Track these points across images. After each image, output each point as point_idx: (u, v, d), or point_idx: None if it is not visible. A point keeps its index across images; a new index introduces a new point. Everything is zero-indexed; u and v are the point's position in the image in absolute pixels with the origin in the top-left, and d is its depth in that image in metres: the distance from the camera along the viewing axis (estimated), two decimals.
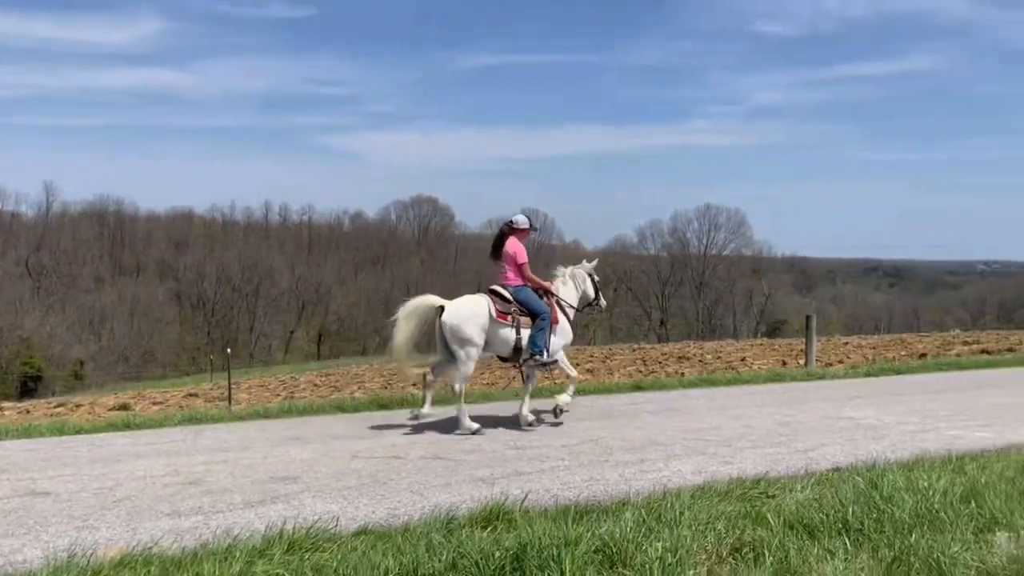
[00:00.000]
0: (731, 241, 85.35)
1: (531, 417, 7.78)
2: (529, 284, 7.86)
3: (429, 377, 7.78)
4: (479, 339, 7.45)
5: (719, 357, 24.33)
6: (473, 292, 8.00)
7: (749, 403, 9.13)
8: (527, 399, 7.84)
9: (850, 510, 4.27)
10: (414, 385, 12.62)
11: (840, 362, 19.64)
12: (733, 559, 3.78)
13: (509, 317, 7.58)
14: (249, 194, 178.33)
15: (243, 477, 5.74)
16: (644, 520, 4.20)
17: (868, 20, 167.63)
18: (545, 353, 7.67)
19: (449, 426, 7.68)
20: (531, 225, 8.19)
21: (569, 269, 8.56)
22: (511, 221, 8.10)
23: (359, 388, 18.28)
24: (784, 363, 20.37)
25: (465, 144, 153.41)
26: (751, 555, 3.77)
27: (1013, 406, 8.86)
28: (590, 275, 8.58)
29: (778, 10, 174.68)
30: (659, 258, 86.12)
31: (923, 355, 20.79)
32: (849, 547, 3.83)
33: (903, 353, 22.19)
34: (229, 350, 19.31)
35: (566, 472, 5.85)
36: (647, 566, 3.56)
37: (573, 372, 8.14)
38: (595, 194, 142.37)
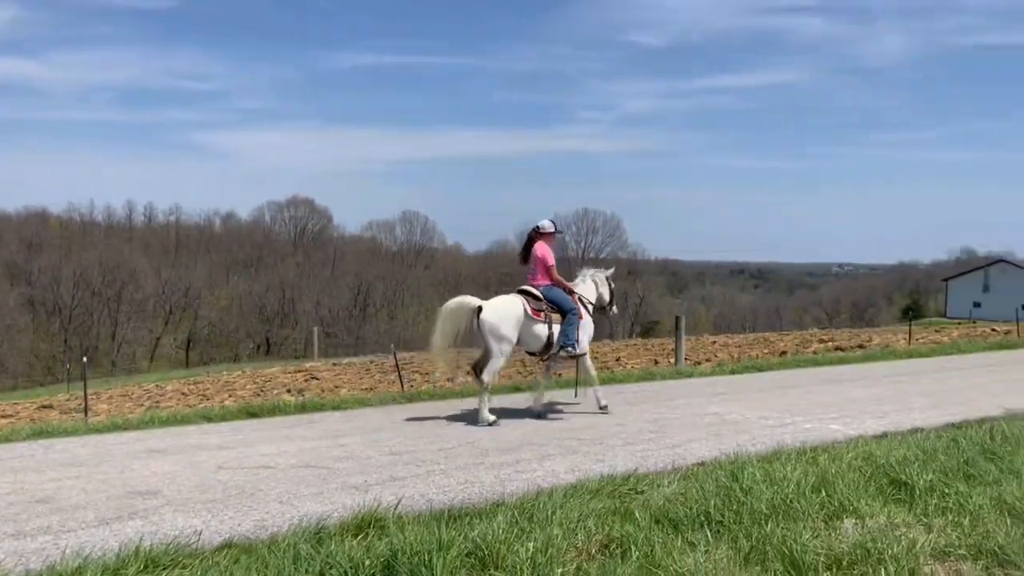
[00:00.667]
0: (607, 244, 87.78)
1: (539, 408, 8.53)
2: (555, 284, 8.47)
3: (484, 377, 8.07)
4: (514, 336, 8.05)
5: (596, 358, 24.89)
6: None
7: (622, 401, 9.37)
8: (544, 392, 8.76)
9: (712, 503, 4.44)
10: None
11: (708, 360, 20.47)
12: (602, 555, 3.86)
13: (542, 314, 8.20)
14: (110, 193, 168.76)
15: (97, 493, 5.40)
16: (517, 521, 4.24)
17: (734, 34, 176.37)
18: (576, 346, 8.32)
19: (319, 435, 7.51)
20: (556, 229, 8.74)
21: (590, 271, 9.18)
22: (538, 226, 8.66)
23: (230, 396, 17.58)
24: (656, 362, 21.04)
25: (345, 144, 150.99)
26: (619, 551, 3.86)
27: (862, 399, 9.47)
28: (608, 280, 9.20)
29: (649, 20, 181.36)
30: None
31: (784, 352, 21.98)
32: (710, 539, 3.98)
33: (766, 351, 23.36)
34: (86, 358, 18.22)
35: (442, 476, 5.82)
36: (518, 566, 3.58)
37: (593, 372, 8.92)
38: (476, 197, 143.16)
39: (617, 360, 23.41)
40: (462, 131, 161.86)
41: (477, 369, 8.17)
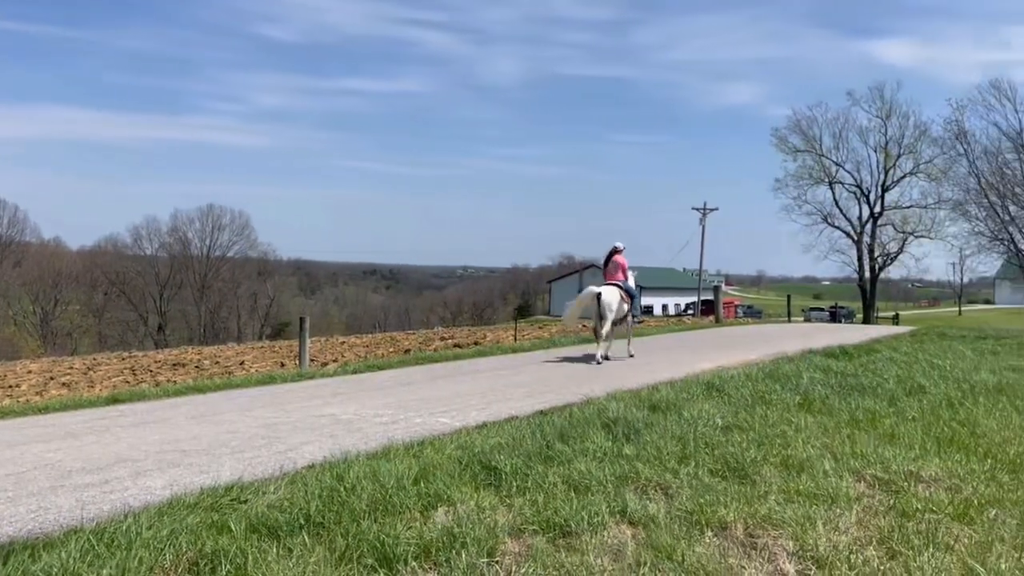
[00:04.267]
0: (235, 242, 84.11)
1: (607, 354, 13.71)
2: (626, 280, 14.10)
3: (601, 333, 13.43)
4: (616, 309, 13.40)
5: (218, 362, 23.62)
6: None
7: (236, 407, 8.97)
8: (610, 345, 14.00)
9: (313, 505, 4.42)
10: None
11: (335, 361, 20.57)
12: (189, 574, 3.63)
13: (625, 298, 13.79)
14: None
15: None
16: (93, 547, 3.81)
17: (364, 39, 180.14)
18: (638, 315, 14.90)
19: None
20: (624, 247, 14.32)
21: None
22: (616, 247, 14.26)
23: None
24: (283, 365, 20.61)
25: None
26: (208, 567, 3.66)
27: (470, 392, 10.14)
28: (634, 274, 14.57)
29: (280, 15, 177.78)
30: (157, 259, 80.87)
31: (407, 350, 22.89)
32: (308, 542, 3.95)
33: (391, 350, 24.13)
34: None
35: (8, 504, 5.02)
36: None
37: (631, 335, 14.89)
38: (83, 186, 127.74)
39: (241, 364, 22.46)
40: (65, 111, 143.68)
41: (595, 331, 13.67)
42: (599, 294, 13.33)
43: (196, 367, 22.45)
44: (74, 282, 79.29)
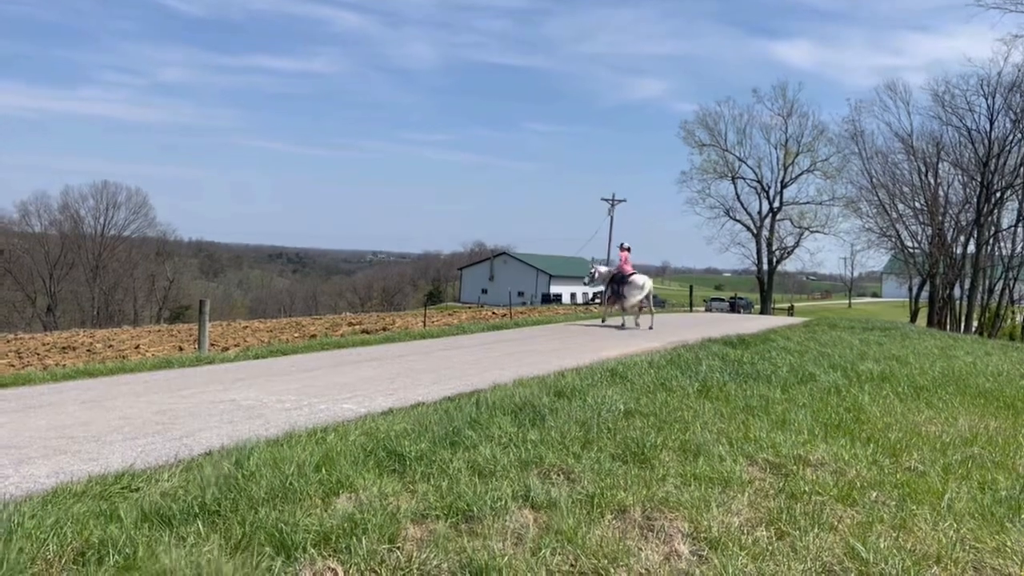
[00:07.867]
0: (132, 222, 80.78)
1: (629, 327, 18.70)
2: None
3: (650, 309, 19.79)
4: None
5: (111, 345, 22.66)
6: None
7: (129, 392, 8.62)
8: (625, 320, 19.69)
9: (210, 493, 4.30)
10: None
11: (237, 345, 20.03)
12: (75, 564, 3.48)
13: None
14: None
15: None
16: None
17: (271, 16, 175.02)
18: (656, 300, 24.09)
19: None
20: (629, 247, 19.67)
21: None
22: (628, 247, 19.33)
23: None
24: (181, 349, 19.95)
25: None
26: (95, 557, 3.51)
27: (376, 378, 10.04)
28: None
29: None
30: (47, 237, 76.84)
31: (313, 336, 22.47)
32: (203, 530, 3.84)
33: (296, 335, 23.63)
34: None
35: None
36: None
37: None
38: None
39: (137, 348, 21.61)
40: None
41: (631, 307, 19.00)
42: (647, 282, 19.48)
43: (88, 350, 21.45)
44: None
